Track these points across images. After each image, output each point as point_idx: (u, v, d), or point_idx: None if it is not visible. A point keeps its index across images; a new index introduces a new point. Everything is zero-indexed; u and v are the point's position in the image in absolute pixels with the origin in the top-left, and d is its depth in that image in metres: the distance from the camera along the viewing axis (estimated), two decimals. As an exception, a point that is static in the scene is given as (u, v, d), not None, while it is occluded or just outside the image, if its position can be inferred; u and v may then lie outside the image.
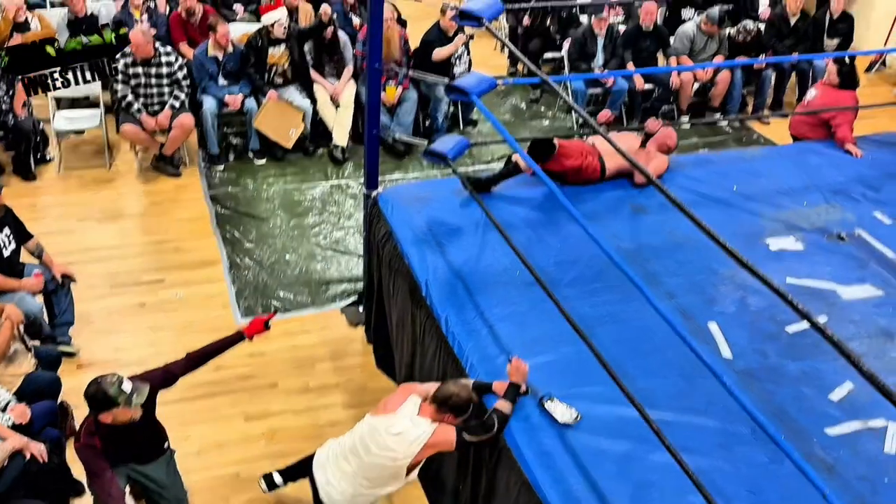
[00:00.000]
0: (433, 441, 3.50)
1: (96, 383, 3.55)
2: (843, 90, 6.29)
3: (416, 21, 8.58)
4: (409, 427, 3.53)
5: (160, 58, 7.05)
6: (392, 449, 3.54)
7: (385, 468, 3.59)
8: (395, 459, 3.54)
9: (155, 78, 7.06)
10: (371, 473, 3.64)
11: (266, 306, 5.86)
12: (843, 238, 5.03)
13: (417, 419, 3.56)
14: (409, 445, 3.51)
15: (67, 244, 6.30)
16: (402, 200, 5.03)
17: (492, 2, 4.27)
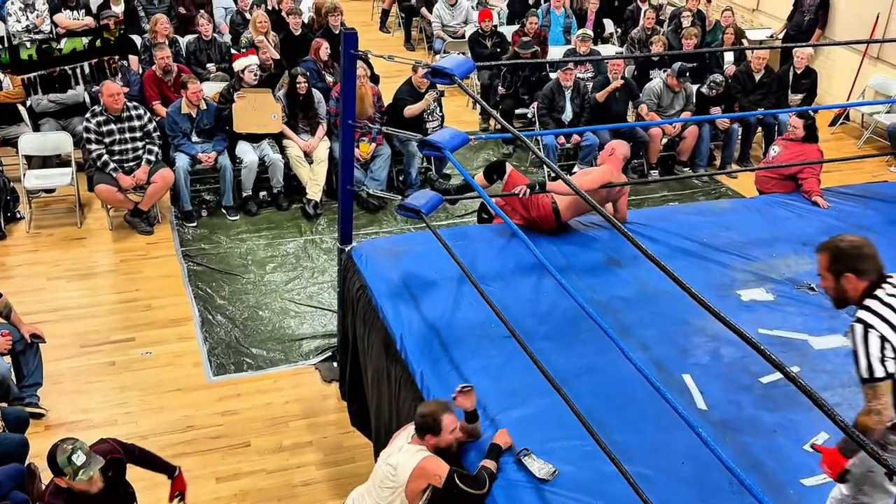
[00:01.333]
0: (421, 467, 3.48)
1: (53, 446, 3.53)
2: (807, 143, 6.42)
3: (389, 78, 8.70)
4: (400, 455, 3.58)
5: (130, 111, 7.07)
6: (390, 479, 3.56)
7: (392, 500, 3.58)
8: (394, 489, 3.55)
9: (128, 132, 7.07)
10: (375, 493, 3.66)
11: (238, 363, 5.80)
12: (813, 288, 5.08)
13: (407, 447, 3.59)
14: (400, 473, 3.52)
15: (37, 303, 6.22)
16: (376, 254, 5.03)
17: (463, 60, 4.34)
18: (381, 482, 3.63)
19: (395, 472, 3.55)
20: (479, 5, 11.37)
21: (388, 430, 4.52)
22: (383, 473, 3.62)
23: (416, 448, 3.57)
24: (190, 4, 9.90)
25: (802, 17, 10.35)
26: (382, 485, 3.61)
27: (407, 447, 3.61)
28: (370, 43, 9.78)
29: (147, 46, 8.63)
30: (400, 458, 3.58)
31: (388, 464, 3.61)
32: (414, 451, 3.57)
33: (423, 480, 3.50)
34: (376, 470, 3.72)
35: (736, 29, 9.97)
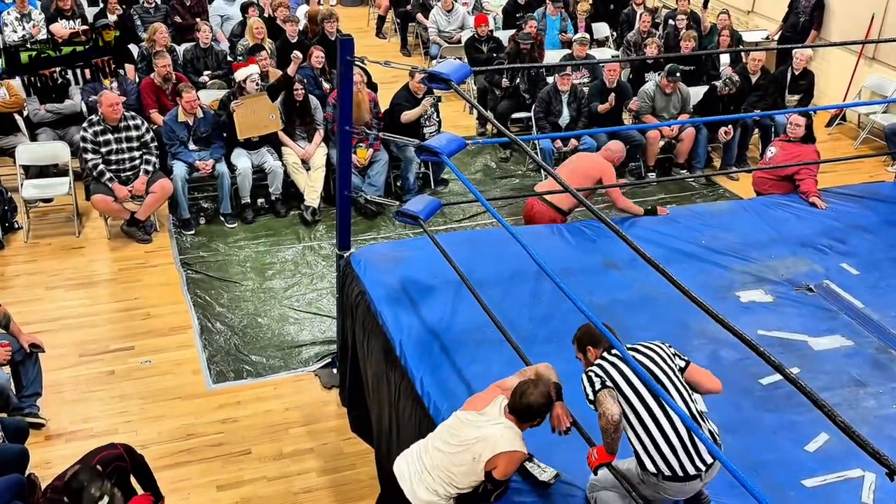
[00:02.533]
0: (517, 456, 3.33)
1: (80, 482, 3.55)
2: (804, 144, 6.43)
3: (385, 84, 8.71)
4: (495, 429, 3.35)
5: (127, 121, 7.07)
6: (472, 443, 3.35)
7: (463, 464, 3.37)
8: (474, 457, 3.34)
9: (126, 142, 7.07)
10: (452, 469, 3.41)
11: (238, 371, 5.80)
12: (812, 289, 5.09)
13: (507, 424, 3.36)
14: (490, 447, 3.31)
15: (36, 313, 6.21)
16: (374, 260, 5.04)
17: (459, 65, 4.35)
18: (458, 441, 3.40)
19: (483, 443, 3.32)
20: (474, 10, 11.39)
21: (388, 435, 4.52)
22: (465, 436, 3.38)
23: (516, 430, 3.35)
24: (186, 13, 9.91)
25: (798, 19, 10.37)
26: (459, 445, 3.39)
27: (506, 424, 3.36)
28: (366, 49, 9.79)
29: (144, 55, 8.64)
30: (495, 431, 3.33)
31: (474, 426, 3.38)
32: (514, 432, 3.34)
33: (505, 466, 3.31)
34: (449, 426, 3.48)
35: (732, 31, 9.98)
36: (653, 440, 3.14)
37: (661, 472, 3.13)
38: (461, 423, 3.46)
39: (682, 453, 3.12)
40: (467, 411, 3.51)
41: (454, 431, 3.46)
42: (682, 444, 3.13)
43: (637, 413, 3.16)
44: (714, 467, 3.19)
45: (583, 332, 3.45)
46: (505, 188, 8.44)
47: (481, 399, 3.53)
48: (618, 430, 3.14)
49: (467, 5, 11.44)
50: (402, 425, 4.33)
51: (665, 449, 3.12)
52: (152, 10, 9.86)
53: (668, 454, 3.12)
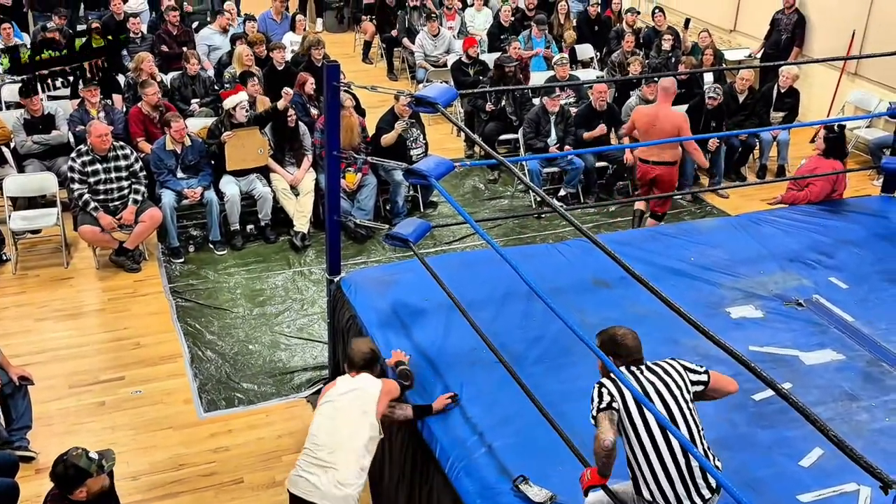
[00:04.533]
0: (386, 388, 3.94)
1: (62, 461, 3.56)
2: (825, 159, 6.42)
3: (373, 108, 8.75)
4: (361, 383, 3.94)
5: (116, 151, 7.06)
6: (365, 407, 3.84)
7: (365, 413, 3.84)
8: (367, 413, 3.84)
9: (114, 172, 7.06)
10: (350, 431, 3.81)
11: (229, 399, 5.76)
12: (802, 304, 5.11)
13: (363, 378, 3.97)
14: (371, 399, 3.86)
15: (25, 345, 6.17)
16: (365, 284, 5.03)
17: (446, 88, 4.37)
18: (361, 413, 3.83)
19: (367, 401, 3.86)
20: (460, 34, 11.47)
21: (380, 459, 4.50)
22: (360, 402, 3.86)
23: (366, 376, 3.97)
24: (173, 42, 9.94)
25: (780, 36, 10.48)
26: (363, 412, 3.83)
27: (362, 378, 3.96)
28: (353, 74, 9.85)
29: (130, 84, 8.65)
30: (363, 384, 3.93)
31: (360, 392, 3.89)
32: (370, 378, 3.97)
33: (388, 398, 3.93)
34: (333, 408, 3.89)
35: (715, 50, 10.08)
36: (650, 467, 3.10)
37: (656, 501, 3.10)
38: (333, 409, 3.89)
39: (679, 484, 3.08)
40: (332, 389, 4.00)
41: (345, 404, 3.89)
42: (681, 474, 3.09)
43: (639, 436, 3.12)
44: (711, 502, 3.15)
45: (603, 340, 3.39)
46: (494, 209, 8.46)
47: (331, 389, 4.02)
48: (609, 457, 3.10)
49: (452, 30, 11.53)
50: (394, 450, 4.31)
51: (661, 478, 3.08)
52: (138, 39, 9.90)
53: (663, 483, 3.08)
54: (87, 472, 3.57)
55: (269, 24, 11.11)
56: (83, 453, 3.61)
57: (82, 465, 3.56)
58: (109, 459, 3.69)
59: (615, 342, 3.34)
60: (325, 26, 13.96)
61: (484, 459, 3.74)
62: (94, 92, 7.91)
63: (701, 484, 3.10)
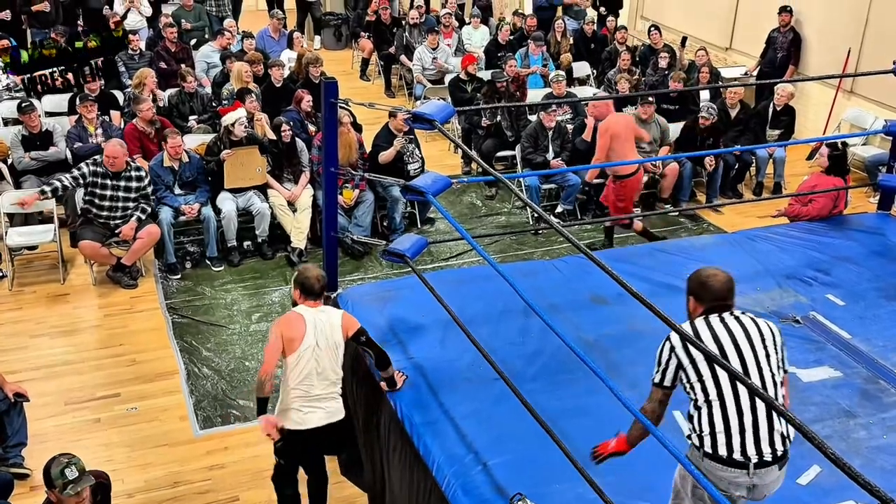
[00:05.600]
0: (347, 317, 4.28)
1: (51, 459, 3.69)
2: (826, 176, 6.44)
3: (370, 125, 8.78)
4: (327, 317, 4.24)
5: (130, 172, 7.06)
6: (336, 338, 4.22)
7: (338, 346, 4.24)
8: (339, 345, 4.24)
9: (123, 192, 7.05)
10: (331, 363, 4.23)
11: (225, 416, 5.73)
12: (799, 321, 5.11)
13: (325, 310, 4.29)
14: (338, 329, 4.23)
15: (20, 361, 6.15)
16: (362, 300, 5.02)
17: (443, 105, 4.39)
18: (333, 349, 4.22)
19: (336, 330, 4.21)
20: (458, 52, 11.53)
21: (380, 477, 4.48)
22: (332, 338, 4.20)
23: (327, 308, 4.33)
24: (171, 59, 9.98)
25: (775, 54, 10.54)
26: (335, 349, 4.22)
27: (325, 309, 4.30)
28: (351, 91, 9.89)
29: (130, 101, 8.67)
30: (331, 319, 4.24)
31: (330, 330, 4.20)
32: (332, 309, 4.36)
33: (350, 327, 4.25)
34: (320, 347, 4.18)
35: (711, 67, 10.13)
36: (710, 414, 3.08)
37: (718, 455, 3.08)
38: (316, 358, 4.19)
39: (735, 435, 3.06)
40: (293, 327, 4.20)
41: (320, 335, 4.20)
42: (741, 427, 3.05)
43: (705, 387, 3.10)
44: (770, 472, 3.12)
45: (690, 279, 3.37)
46: (491, 226, 8.46)
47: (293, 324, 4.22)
48: (645, 435, 3.14)
49: (450, 47, 11.58)
50: (393, 466, 4.29)
51: (719, 425, 3.06)
52: (136, 56, 9.93)
53: (718, 430, 3.06)
54: (53, 483, 3.61)
55: (268, 42, 11.17)
56: (64, 464, 3.65)
57: (53, 474, 3.63)
58: (77, 485, 3.63)
59: (700, 283, 3.29)
60: (323, 44, 14.03)
61: (481, 477, 3.73)
62: (92, 108, 7.93)
63: (775, 439, 3.08)
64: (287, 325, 4.20)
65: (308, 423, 4.23)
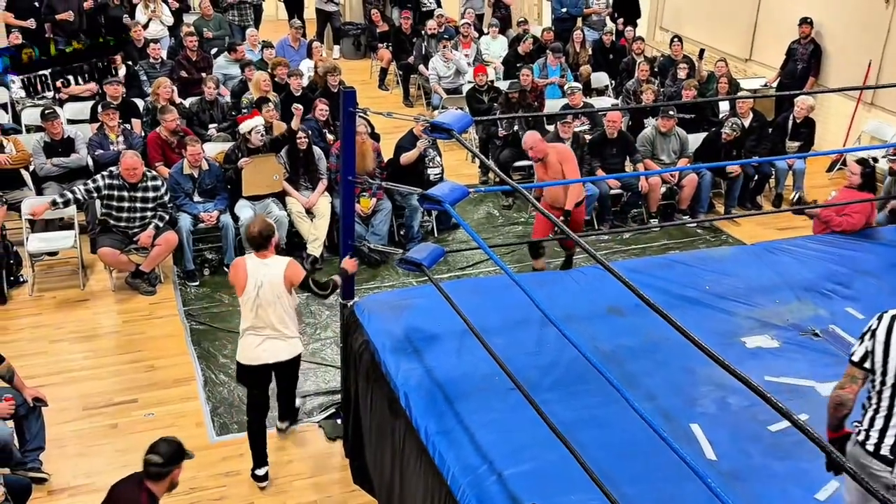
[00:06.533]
0: (290, 270, 4.86)
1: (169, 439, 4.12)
2: (857, 191, 6.40)
3: (388, 134, 8.80)
4: (270, 269, 4.85)
5: (147, 181, 7.12)
6: (279, 288, 4.82)
7: (279, 296, 4.84)
8: (281, 295, 4.84)
9: (140, 202, 7.11)
10: (274, 311, 4.87)
11: (241, 423, 5.74)
12: (818, 334, 5.06)
13: (271, 261, 4.89)
14: (279, 280, 4.83)
15: (40, 366, 6.20)
16: (378, 309, 5.03)
17: (461, 115, 4.39)
18: (276, 297, 4.82)
19: (278, 281, 4.81)
20: (475, 62, 11.55)
21: (390, 485, 4.48)
22: (273, 290, 4.81)
23: (273, 259, 4.90)
24: (192, 68, 10.06)
25: (795, 66, 10.49)
26: (277, 297, 4.83)
27: (270, 262, 4.88)
28: (369, 101, 9.93)
29: (149, 109, 8.75)
30: (272, 271, 4.82)
31: (269, 283, 4.81)
32: (274, 260, 4.89)
33: (293, 278, 4.84)
34: (260, 297, 4.83)
35: (730, 78, 10.10)
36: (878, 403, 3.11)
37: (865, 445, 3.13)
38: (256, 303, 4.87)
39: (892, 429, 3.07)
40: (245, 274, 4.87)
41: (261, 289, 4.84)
42: None
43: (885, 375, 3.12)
44: None
45: None
46: (508, 235, 8.46)
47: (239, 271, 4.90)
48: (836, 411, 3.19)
49: (468, 57, 11.61)
50: (407, 475, 4.28)
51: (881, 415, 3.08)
52: (158, 65, 10.02)
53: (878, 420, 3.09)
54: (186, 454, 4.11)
55: (287, 51, 11.24)
56: None
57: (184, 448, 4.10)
58: None
59: None
60: (342, 53, 14.10)
61: (496, 487, 3.72)
62: (114, 116, 8.01)
63: None
64: (232, 272, 4.99)
65: (253, 360, 4.96)
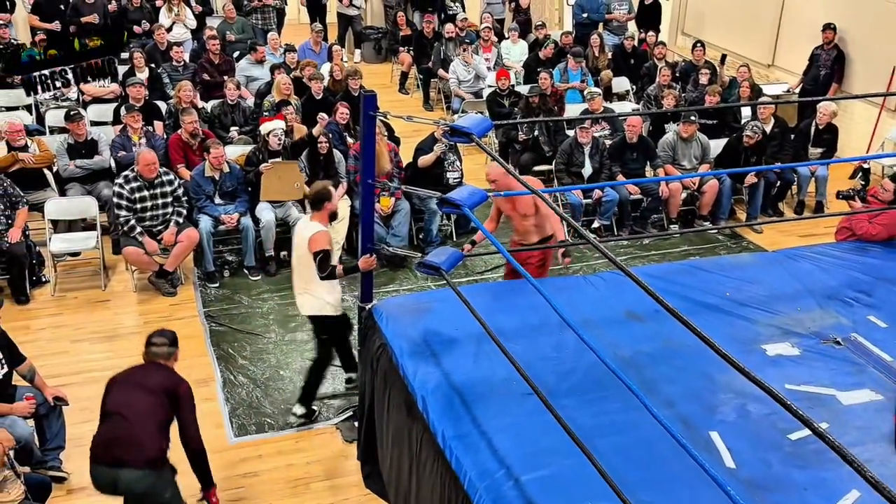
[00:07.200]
0: (313, 238, 5.28)
1: None
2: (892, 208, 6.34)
3: (407, 138, 8.82)
4: (303, 228, 5.45)
5: (161, 177, 7.19)
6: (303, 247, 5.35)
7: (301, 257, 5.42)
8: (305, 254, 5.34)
9: (160, 198, 7.18)
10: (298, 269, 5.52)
11: (259, 424, 5.77)
12: (840, 342, 5.01)
13: (307, 222, 5.48)
14: (303, 241, 5.34)
15: (61, 366, 6.25)
16: (396, 312, 5.03)
17: (480, 119, 4.39)
18: (302, 257, 5.39)
19: (302, 247, 5.36)
20: (496, 66, 11.55)
21: (406, 489, 4.47)
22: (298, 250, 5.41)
23: (313, 223, 5.39)
24: (214, 71, 10.13)
25: (818, 72, 10.41)
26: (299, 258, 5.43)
27: (306, 222, 5.47)
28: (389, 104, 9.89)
29: (171, 112, 8.82)
30: (304, 233, 5.35)
31: (298, 243, 5.42)
32: (312, 225, 5.37)
33: (312, 245, 5.28)
34: (293, 254, 5.59)
35: (752, 84, 10.04)
36: None
37: None
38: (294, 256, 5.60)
39: None
40: None
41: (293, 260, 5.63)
42: None
43: None
44: None
45: None
46: (527, 241, 8.43)
47: None
48: None
49: (489, 61, 11.62)
50: (423, 479, 4.28)
51: None
52: (181, 68, 10.10)
53: None
54: None
55: (308, 55, 11.30)
56: None
57: None
58: None
59: None
60: (363, 57, 14.15)
61: (513, 492, 3.70)
62: (138, 118, 8.08)
63: None
64: None
65: None
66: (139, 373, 4.61)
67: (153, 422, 4.33)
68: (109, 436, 4.33)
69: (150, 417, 4.34)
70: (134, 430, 4.27)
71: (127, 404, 4.36)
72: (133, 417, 4.30)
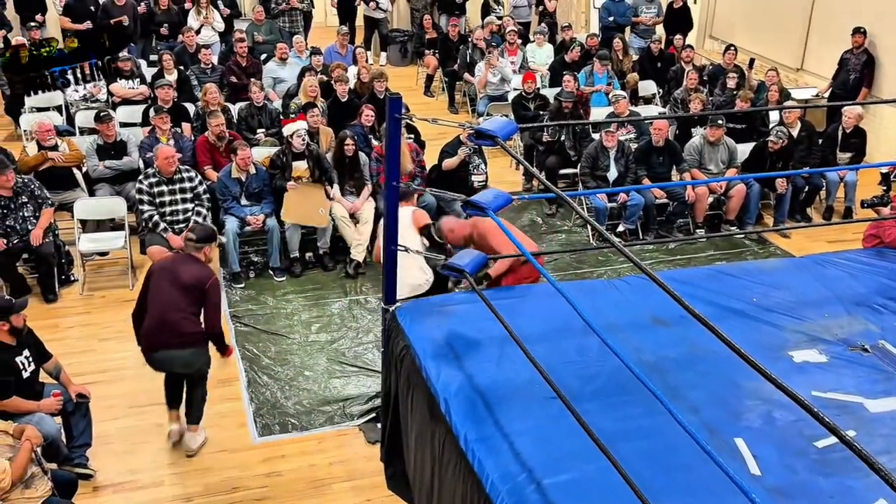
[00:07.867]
0: (416, 217, 6.02)
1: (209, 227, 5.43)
2: None
3: (433, 140, 8.83)
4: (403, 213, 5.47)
5: (181, 174, 7.26)
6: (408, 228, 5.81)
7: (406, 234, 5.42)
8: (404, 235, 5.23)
9: (179, 194, 7.25)
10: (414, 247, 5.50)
11: (283, 424, 5.81)
12: (867, 350, 4.95)
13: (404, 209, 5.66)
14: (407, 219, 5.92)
15: (87, 364, 6.32)
16: (420, 314, 5.03)
17: (506, 122, 4.38)
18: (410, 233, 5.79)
19: (406, 225, 5.57)
20: (521, 69, 11.54)
21: (429, 490, 4.47)
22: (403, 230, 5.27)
23: (410, 207, 6.01)
24: (241, 73, 10.21)
25: (848, 76, 10.30)
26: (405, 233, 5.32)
27: (403, 210, 5.55)
28: (415, 107, 9.97)
29: (199, 114, 8.89)
30: (404, 214, 5.50)
31: (403, 231, 5.27)
32: (406, 208, 5.78)
33: (418, 223, 5.88)
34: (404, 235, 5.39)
35: (780, 88, 9.95)
36: None
37: None
38: None
39: None
40: None
41: None
42: None
43: None
44: None
45: None
46: (551, 243, 8.43)
47: None
48: None
49: (514, 64, 11.61)
50: (445, 481, 4.28)
51: None
52: (208, 70, 10.19)
53: None
54: None
55: (334, 57, 11.35)
56: None
57: None
58: None
59: None
60: (388, 60, 14.19)
61: (535, 496, 3.69)
62: (166, 119, 8.17)
63: None
64: None
65: None
66: (176, 265, 5.39)
67: (187, 311, 5.23)
68: (154, 328, 5.25)
69: (185, 308, 5.23)
70: (172, 319, 5.19)
71: (165, 300, 5.22)
72: (170, 309, 5.20)
